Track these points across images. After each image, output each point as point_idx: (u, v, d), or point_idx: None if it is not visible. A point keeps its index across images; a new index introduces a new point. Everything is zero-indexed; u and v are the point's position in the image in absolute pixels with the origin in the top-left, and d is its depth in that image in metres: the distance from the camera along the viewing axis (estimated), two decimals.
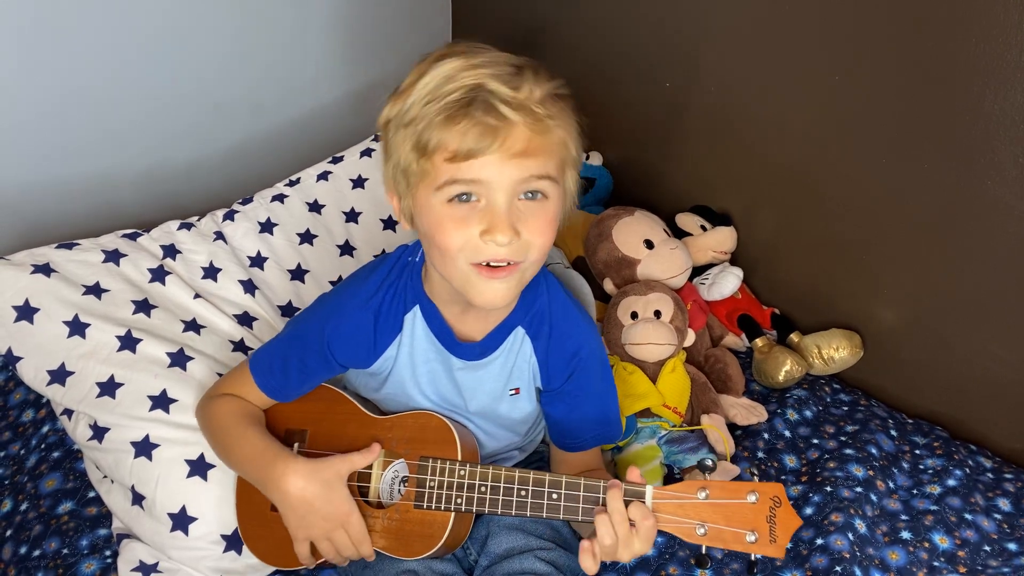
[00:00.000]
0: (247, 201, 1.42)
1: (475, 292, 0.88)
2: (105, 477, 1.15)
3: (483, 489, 0.92)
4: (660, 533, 0.89)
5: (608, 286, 1.47)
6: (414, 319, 1.00)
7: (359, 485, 1.01)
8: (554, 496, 0.90)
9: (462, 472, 0.94)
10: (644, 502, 0.87)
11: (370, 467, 1.01)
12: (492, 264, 0.86)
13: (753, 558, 0.86)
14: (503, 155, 0.83)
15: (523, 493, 0.91)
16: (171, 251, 1.30)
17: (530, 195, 0.86)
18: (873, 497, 1.24)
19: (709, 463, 0.88)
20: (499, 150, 0.83)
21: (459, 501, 0.94)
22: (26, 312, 1.15)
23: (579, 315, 1.05)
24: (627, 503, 0.86)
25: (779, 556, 0.85)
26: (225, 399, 1.06)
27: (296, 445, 1.05)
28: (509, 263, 0.87)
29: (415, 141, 0.85)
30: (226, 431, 1.04)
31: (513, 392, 1.04)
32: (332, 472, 0.97)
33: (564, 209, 0.92)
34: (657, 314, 1.35)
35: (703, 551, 0.87)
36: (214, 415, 1.06)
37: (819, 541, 1.15)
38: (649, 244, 1.45)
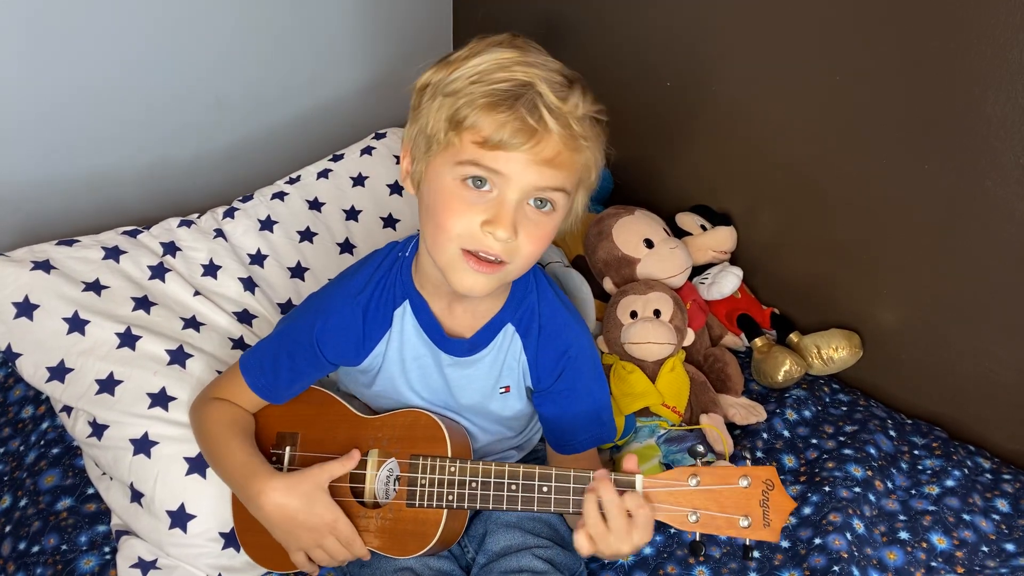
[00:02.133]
0: (247, 199, 1.43)
1: (456, 277, 0.89)
2: (104, 474, 1.15)
3: (474, 485, 0.92)
4: (655, 528, 0.89)
5: (608, 285, 1.46)
6: (403, 314, 1.00)
7: (354, 486, 1.01)
8: (544, 489, 0.90)
9: (452, 469, 0.94)
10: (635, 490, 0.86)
11: (364, 468, 1.01)
12: (482, 256, 0.87)
13: (748, 542, 0.86)
14: (531, 157, 0.84)
15: (513, 487, 0.91)
16: (171, 248, 1.30)
17: (539, 203, 0.87)
18: (871, 497, 1.24)
19: (700, 449, 0.87)
20: (529, 151, 0.84)
21: (450, 498, 0.94)
22: (26, 308, 1.15)
23: (568, 314, 1.05)
24: (620, 493, 0.86)
25: (774, 539, 0.84)
26: (216, 404, 1.06)
27: (288, 448, 1.05)
28: (498, 260, 0.87)
29: (451, 113, 0.86)
30: (212, 440, 1.03)
31: (503, 390, 1.04)
32: (311, 483, 0.97)
33: (564, 226, 0.93)
34: (656, 313, 1.35)
35: (697, 538, 0.86)
36: (203, 422, 1.05)
37: (817, 541, 1.15)
38: (649, 243, 1.45)
